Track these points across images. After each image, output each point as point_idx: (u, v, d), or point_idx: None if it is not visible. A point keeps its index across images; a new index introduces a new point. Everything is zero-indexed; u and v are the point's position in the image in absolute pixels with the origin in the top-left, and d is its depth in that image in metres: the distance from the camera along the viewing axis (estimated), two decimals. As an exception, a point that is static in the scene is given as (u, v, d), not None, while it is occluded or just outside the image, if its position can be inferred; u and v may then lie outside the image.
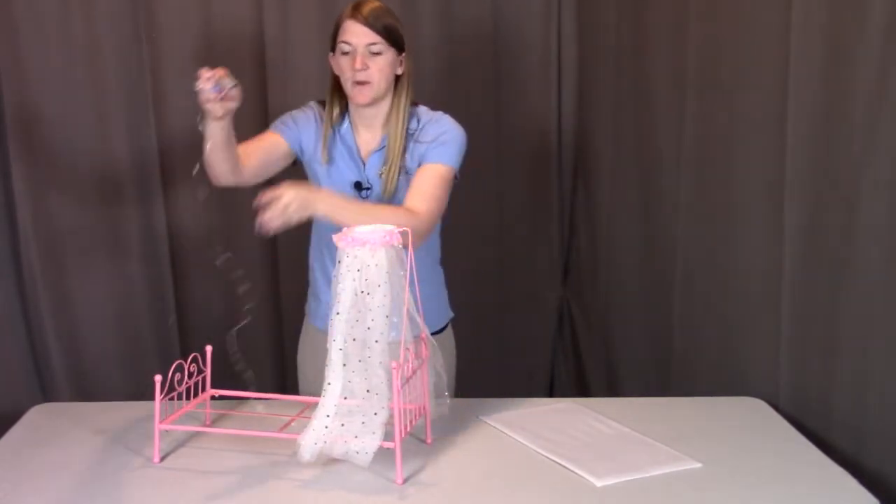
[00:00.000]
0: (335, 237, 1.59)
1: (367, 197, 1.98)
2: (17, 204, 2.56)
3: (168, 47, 2.66)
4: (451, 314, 2.16)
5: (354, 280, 1.55)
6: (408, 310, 1.59)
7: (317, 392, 1.63)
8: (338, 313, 1.56)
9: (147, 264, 2.72)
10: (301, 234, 2.80)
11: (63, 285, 2.65)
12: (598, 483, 1.57)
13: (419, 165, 1.93)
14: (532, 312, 3.02)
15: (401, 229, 1.60)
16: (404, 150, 1.95)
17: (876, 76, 1.63)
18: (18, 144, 2.55)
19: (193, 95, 2.11)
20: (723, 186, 2.18)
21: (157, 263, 2.73)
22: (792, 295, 1.91)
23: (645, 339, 2.66)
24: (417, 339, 1.67)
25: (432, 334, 2.08)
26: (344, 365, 1.58)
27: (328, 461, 1.62)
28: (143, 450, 1.71)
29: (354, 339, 1.57)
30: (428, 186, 1.88)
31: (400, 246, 1.59)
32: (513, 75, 2.89)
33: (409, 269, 1.59)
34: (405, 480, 1.58)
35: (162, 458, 1.67)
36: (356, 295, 1.56)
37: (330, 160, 1.98)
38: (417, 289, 1.62)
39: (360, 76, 1.88)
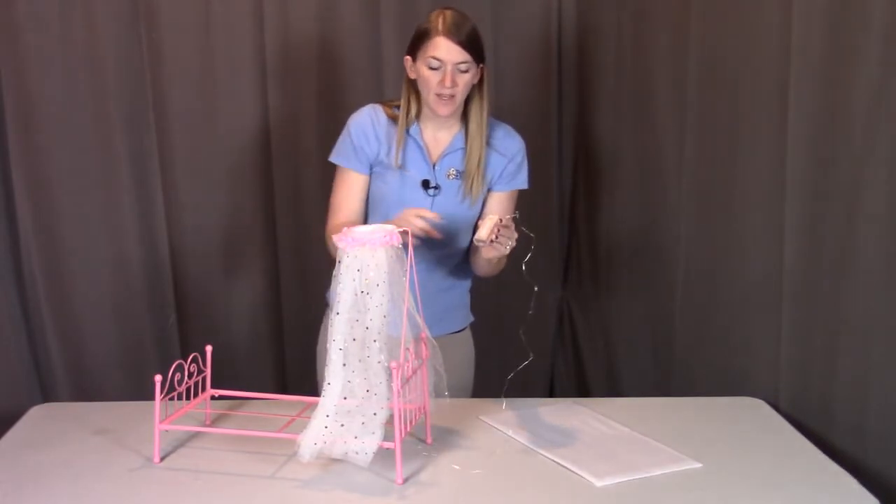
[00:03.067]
0: (335, 237, 1.59)
1: (434, 196, 2.01)
2: (17, 204, 2.56)
3: (168, 47, 2.66)
4: (471, 318, 2.20)
5: (354, 280, 1.55)
6: (408, 310, 1.58)
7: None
8: (338, 313, 1.56)
9: (147, 264, 2.72)
10: (300, 235, 2.82)
11: (63, 285, 2.65)
12: (598, 483, 1.57)
13: (491, 174, 2.04)
14: (532, 313, 3.01)
15: (401, 229, 1.61)
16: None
17: (876, 76, 1.63)
18: (18, 144, 2.55)
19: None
20: (723, 186, 2.18)
21: (157, 263, 2.73)
22: (792, 295, 1.91)
23: (645, 339, 2.66)
24: (417, 339, 1.66)
25: (452, 333, 2.10)
26: (344, 365, 1.58)
27: (328, 461, 1.62)
28: (143, 450, 1.71)
29: (354, 339, 1.57)
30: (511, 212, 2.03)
31: (399, 246, 1.59)
32: (512, 75, 2.89)
33: (409, 268, 1.59)
34: (405, 480, 1.58)
35: (162, 458, 1.67)
36: (356, 295, 1.56)
37: (402, 163, 2.00)
38: (417, 289, 1.62)
39: (448, 92, 1.91)
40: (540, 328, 3.06)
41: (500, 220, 1.78)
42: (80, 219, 2.65)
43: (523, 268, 1.88)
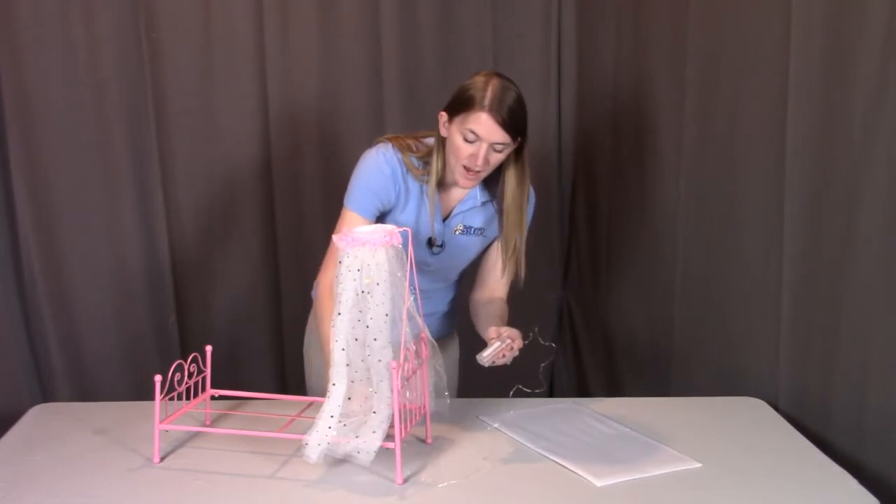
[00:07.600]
0: (335, 237, 1.59)
1: (437, 254, 1.96)
2: (17, 204, 2.56)
3: (168, 47, 2.66)
4: (455, 318, 2.19)
5: (355, 280, 1.55)
6: (408, 309, 1.59)
7: (324, 384, 1.62)
8: (339, 314, 1.56)
9: (147, 264, 2.72)
10: (300, 234, 2.82)
11: (63, 285, 2.65)
12: (598, 483, 1.57)
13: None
14: (532, 313, 3.02)
15: (401, 229, 1.61)
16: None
17: (876, 76, 1.64)
18: (18, 144, 2.55)
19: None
20: (723, 186, 2.19)
21: (156, 264, 2.73)
22: (792, 295, 1.91)
23: (645, 339, 2.66)
24: (418, 338, 1.66)
25: (439, 338, 2.09)
26: (347, 365, 1.58)
27: (330, 461, 1.62)
28: (143, 450, 1.71)
29: (356, 339, 1.57)
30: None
31: (400, 246, 1.59)
32: (513, 75, 2.88)
33: (409, 269, 1.59)
34: (405, 480, 1.58)
35: (162, 458, 1.67)
36: (357, 295, 1.56)
37: (418, 217, 1.92)
38: (417, 289, 1.62)
39: (477, 168, 1.82)
40: (540, 328, 3.06)
41: (511, 344, 1.76)
42: (80, 219, 2.65)
43: (539, 339, 1.88)
